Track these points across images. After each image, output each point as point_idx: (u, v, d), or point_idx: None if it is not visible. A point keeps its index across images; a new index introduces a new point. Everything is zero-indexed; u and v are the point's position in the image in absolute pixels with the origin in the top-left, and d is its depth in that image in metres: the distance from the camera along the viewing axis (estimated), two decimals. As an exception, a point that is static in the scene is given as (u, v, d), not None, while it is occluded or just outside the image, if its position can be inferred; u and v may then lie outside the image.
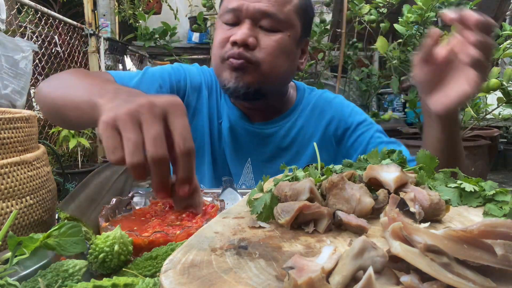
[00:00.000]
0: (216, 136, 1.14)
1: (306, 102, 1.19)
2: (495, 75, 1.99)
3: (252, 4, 0.95)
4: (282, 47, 0.99)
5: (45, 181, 0.61)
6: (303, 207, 0.46)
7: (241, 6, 0.96)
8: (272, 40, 0.98)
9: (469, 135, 2.84)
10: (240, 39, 0.94)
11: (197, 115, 1.13)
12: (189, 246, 0.41)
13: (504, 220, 0.33)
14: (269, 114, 1.14)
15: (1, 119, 0.54)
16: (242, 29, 0.95)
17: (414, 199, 0.49)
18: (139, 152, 0.49)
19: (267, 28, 0.97)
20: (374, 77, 3.97)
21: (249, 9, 0.95)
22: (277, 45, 0.98)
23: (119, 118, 0.50)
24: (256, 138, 1.13)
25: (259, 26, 0.97)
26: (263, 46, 0.97)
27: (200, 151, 1.12)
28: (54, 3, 5.72)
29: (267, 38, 0.97)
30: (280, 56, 1.00)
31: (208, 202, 0.69)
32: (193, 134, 1.11)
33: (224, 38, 0.98)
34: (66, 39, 3.72)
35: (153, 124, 0.50)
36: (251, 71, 0.97)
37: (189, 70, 1.15)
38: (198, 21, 3.69)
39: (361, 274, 0.31)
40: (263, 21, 0.97)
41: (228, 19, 0.99)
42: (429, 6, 2.33)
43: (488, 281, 0.31)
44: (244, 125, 1.13)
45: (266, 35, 0.98)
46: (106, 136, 0.51)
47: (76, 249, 0.47)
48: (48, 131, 3.50)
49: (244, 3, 0.95)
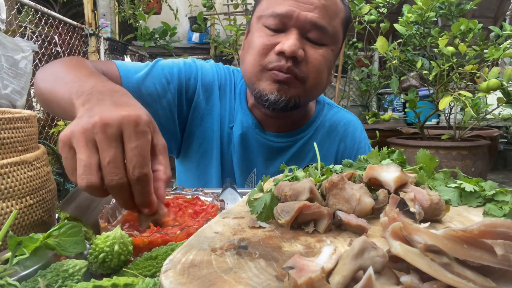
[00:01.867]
0: (226, 140, 1.08)
1: (324, 119, 1.13)
2: (495, 75, 1.99)
3: (304, 13, 0.87)
4: (327, 62, 0.93)
5: (45, 181, 0.61)
6: (303, 207, 0.46)
7: (291, 12, 0.87)
8: (319, 54, 0.91)
9: (469, 135, 2.84)
10: (289, 51, 0.86)
11: (207, 117, 1.07)
12: (189, 246, 0.41)
13: (504, 220, 0.33)
14: (284, 125, 1.07)
15: (1, 119, 0.54)
16: (291, 39, 0.87)
17: (414, 199, 0.49)
18: (91, 175, 0.48)
19: (314, 41, 0.90)
20: (374, 77, 3.97)
21: (300, 18, 0.87)
22: (324, 61, 0.92)
23: (73, 136, 0.50)
24: (267, 151, 1.07)
25: (305, 37, 0.90)
26: (310, 61, 0.90)
27: (208, 154, 1.08)
28: (54, 3, 5.72)
29: (314, 51, 0.91)
30: (324, 71, 0.94)
31: (208, 202, 0.69)
32: (202, 137, 1.11)
33: (267, 44, 0.90)
34: (66, 39, 3.72)
35: (107, 148, 0.49)
36: (296, 86, 0.91)
37: (202, 67, 1.07)
38: (198, 21, 3.69)
39: (361, 274, 0.31)
40: (312, 32, 0.89)
41: (272, 24, 0.90)
42: (429, 6, 2.33)
43: (488, 281, 0.31)
44: (256, 134, 1.06)
45: (313, 47, 0.91)
46: (64, 156, 0.51)
47: (76, 249, 0.47)
48: (48, 131, 3.50)
49: (295, 10, 0.87)
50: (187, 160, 1.12)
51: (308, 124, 1.10)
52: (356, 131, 1.15)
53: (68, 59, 0.87)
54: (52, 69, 0.82)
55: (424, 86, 2.87)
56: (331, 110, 1.16)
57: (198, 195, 0.71)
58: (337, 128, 1.13)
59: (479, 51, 2.33)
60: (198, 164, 1.09)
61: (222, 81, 1.09)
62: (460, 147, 2.58)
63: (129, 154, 0.50)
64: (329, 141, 1.11)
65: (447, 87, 2.54)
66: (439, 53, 2.37)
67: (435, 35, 2.42)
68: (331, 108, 1.17)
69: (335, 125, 1.13)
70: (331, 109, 1.17)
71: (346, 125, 1.14)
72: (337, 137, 1.13)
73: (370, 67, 3.94)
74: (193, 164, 1.10)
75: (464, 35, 2.34)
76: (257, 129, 1.06)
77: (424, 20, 2.42)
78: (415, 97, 2.83)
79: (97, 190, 0.49)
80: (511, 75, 2.00)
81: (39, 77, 0.83)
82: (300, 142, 1.08)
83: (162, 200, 0.56)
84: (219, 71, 1.10)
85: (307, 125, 1.10)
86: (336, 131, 1.13)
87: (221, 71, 1.11)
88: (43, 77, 0.81)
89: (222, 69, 1.12)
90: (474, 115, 2.33)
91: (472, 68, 2.18)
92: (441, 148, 2.59)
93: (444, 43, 2.23)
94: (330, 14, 0.90)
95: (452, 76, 2.40)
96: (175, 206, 0.66)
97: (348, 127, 1.14)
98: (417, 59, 2.70)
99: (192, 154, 1.09)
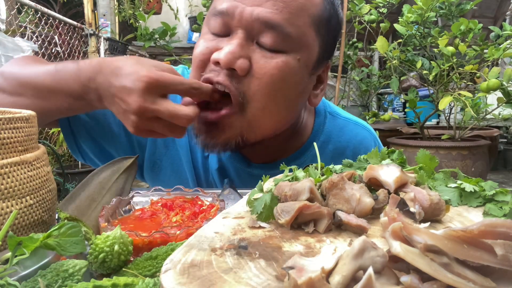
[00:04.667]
0: (202, 172, 0.89)
1: (326, 137, 0.86)
2: (495, 75, 1.99)
3: (249, 9, 0.65)
4: (287, 76, 0.67)
5: (45, 181, 0.61)
6: (303, 207, 0.46)
7: (233, 9, 0.66)
8: (273, 66, 0.66)
9: (469, 135, 2.84)
10: (224, 61, 0.64)
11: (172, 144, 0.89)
12: (189, 246, 0.41)
13: (504, 220, 0.33)
14: (273, 152, 0.83)
15: (1, 119, 0.54)
16: (230, 44, 0.65)
17: (414, 199, 0.49)
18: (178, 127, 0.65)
19: (267, 47, 0.66)
20: (374, 77, 3.97)
21: (244, 16, 0.65)
22: (281, 75, 0.66)
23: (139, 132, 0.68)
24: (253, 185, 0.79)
25: (256, 41, 0.67)
26: (257, 75, 0.66)
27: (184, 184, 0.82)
28: (54, 3, 5.72)
29: (265, 62, 0.66)
30: (282, 90, 0.68)
31: (208, 202, 0.69)
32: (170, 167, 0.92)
33: (204, 53, 0.68)
34: (66, 39, 3.72)
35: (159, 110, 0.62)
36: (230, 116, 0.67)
37: None
38: (198, 21, 3.68)
39: (361, 274, 0.31)
40: (263, 35, 0.66)
41: (214, 26, 0.69)
42: (429, 6, 2.33)
43: (488, 281, 0.31)
44: (238, 169, 0.84)
45: (263, 56, 0.66)
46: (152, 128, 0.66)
47: (76, 249, 0.47)
48: (48, 131, 3.50)
49: (238, 5, 0.65)
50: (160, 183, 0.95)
51: (306, 145, 0.85)
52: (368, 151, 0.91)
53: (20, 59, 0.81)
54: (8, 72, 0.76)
55: (424, 86, 2.87)
56: (335, 122, 0.88)
57: (198, 195, 0.71)
58: (345, 152, 0.87)
59: (479, 51, 2.33)
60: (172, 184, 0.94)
61: None
62: (460, 147, 2.58)
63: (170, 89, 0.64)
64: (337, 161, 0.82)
65: (447, 87, 2.54)
66: (439, 53, 2.37)
67: (435, 35, 2.42)
68: (335, 120, 0.89)
69: (342, 148, 0.87)
70: (336, 120, 0.89)
71: (357, 147, 0.87)
72: (347, 155, 0.87)
73: (370, 67, 3.94)
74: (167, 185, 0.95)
75: (464, 35, 2.34)
76: (237, 161, 0.84)
77: (424, 20, 2.42)
78: (415, 97, 2.83)
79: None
80: (511, 75, 2.00)
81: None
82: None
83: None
84: None
85: (303, 149, 0.84)
86: (344, 157, 0.79)
87: None
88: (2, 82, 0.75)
89: None
90: (474, 115, 2.33)
91: (472, 68, 2.18)
92: (441, 148, 2.59)
93: (444, 43, 2.23)
94: (291, 9, 0.65)
95: (452, 76, 2.40)
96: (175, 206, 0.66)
97: (360, 149, 0.86)
98: (417, 59, 2.70)
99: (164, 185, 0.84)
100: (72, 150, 0.92)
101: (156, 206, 0.66)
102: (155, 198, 0.70)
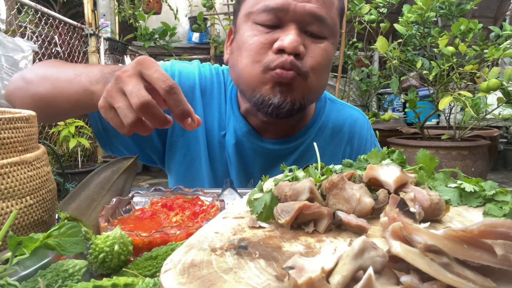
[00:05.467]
0: (217, 150, 0.99)
1: (326, 118, 1.03)
2: (495, 75, 1.99)
3: (301, 5, 0.79)
4: (329, 57, 0.86)
5: (45, 181, 0.61)
6: (303, 207, 0.46)
7: (287, 5, 0.79)
8: (321, 49, 0.83)
9: (469, 135, 2.84)
10: (291, 48, 0.78)
11: None
12: (189, 246, 0.41)
13: (504, 220, 0.33)
14: (283, 129, 0.97)
15: (1, 119, 0.54)
16: (290, 34, 0.79)
17: (414, 199, 0.49)
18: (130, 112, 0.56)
19: (315, 34, 0.83)
20: (374, 77, 3.97)
21: (298, 10, 0.79)
22: (326, 55, 0.84)
23: (107, 96, 0.59)
24: (265, 159, 0.98)
25: (304, 31, 0.82)
26: (312, 56, 0.82)
27: (195, 166, 1.00)
28: (54, 3, 5.72)
29: (315, 46, 0.83)
30: (326, 67, 0.87)
31: (208, 202, 0.69)
32: (186, 147, 1.00)
33: (264, 43, 0.81)
34: (66, 39, 3.72)
35: (128, 82, 0.57)
36: (299, 85, 0.82)
37: (181, 71, 0.98)
38: (198, 21, 3.69)
39: (361, 274, 0.31)
40: (311, 25, 0.81)
41: (265, 20, 0.81)
42: (429, 6, 2.33)
43: (488, 281, 0.31)
44: (253, 143, 0.97)
45: (313, 42, 0.83)
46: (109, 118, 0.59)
47: (76, 249, 0.47)
48: (48, 131, 3.51)
49: (291, 2, 0.79)
50: (172, 174, 1.05)
51: (309, 125, 1.00)
52: (363, 130, 1.07)
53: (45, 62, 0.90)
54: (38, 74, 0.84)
55: (424, 86, 2.87)
56: (334, 106, 1.06)
57: (198, 195, 0.71)
58: (342, 129, 1.04)
59: (479, 51, 2.33)
60: (184, 177, 1.02)
61: (207, 84, 0.99)
62: (460, 147, 2.58)
63: (153, 76, 0.57)
64: (333, 144, 1.03)
65: (447, 87, 2.54)
66: (439, 53, 2.37)
67: (435, 35, 2.42)
68: (334, 104, 1.07)
69: (339, 125, 1.03)
70: (334, 105, 1.07)
71: (352, 125, 1.05)
72: (343, 139, 1.04)
73: (370, 67, 3.94)
74: (178, 178, 1.03)
75: (464, 35, 2.34)
76: (252, 137, 0.96)
77: (424, 20, 2.42)
78: (415, 97, 2.83)
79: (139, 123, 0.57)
80: (511, 75, 2.00)
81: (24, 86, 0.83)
82: (301, 148, 0.99)
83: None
84: (203, 73, 1.00)
85: (308, 126, 1.00)
86: (342, 133, 1.03)
87: (206, 72, 1.01)
88: (32, 84, 0.82)
89: (209, 70, 1.02)
90: (474, 115, 2.33)
91: (472, 68, 2.18)
92: (441, 148, 2.59)
93: (444, 43, 2.23)
94: (327, 4, 0.83)
95: (452, 76, 2.40)
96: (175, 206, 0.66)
97: (355, 127, 1.05)
98: (417, 59, 2.70)
99: (176, 166, 1.02)
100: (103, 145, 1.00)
101: (156, 206, 0.66)
102: (155, 198, 0.70)
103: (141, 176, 5.01)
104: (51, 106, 0.80)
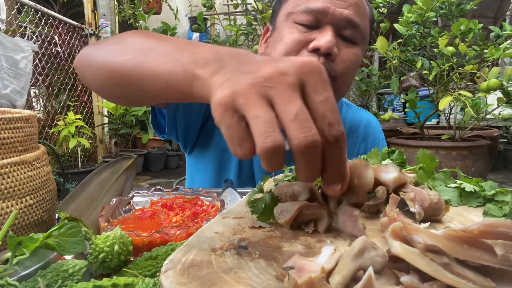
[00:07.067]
0: None
1: (344, 119, 1.10)
2: (495, 75, 1.99)
3: (339, 10, 0.86)
4: (357, 62, 0.91)
5: (45, 181, 0.61)
6: (303, 207, 0.46)
7: (327, 9, 0.85)
8: (351, 54, 0.89)
9: (469, 135, 2.84)
10: (325, 47, 0.82)
11: None
12: (189, 246, 0.41)
13: (504, 220, 0.33)
14: None
15: (1, 119, 0.54)
16: (326, 35, 0.84)
17: (414, 199, 0.49)
18: (275, 132, 0.36)
19: (348, 39, 0.89)
20: (374, 77, 3.97)
21: (336, 15, 0.85)
22: (356, 60, 0.90)
23: (239, 95, 0.38)
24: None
25: (339, 34, 0.88)
26: (343, 59, 0.87)
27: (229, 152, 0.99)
28: (54, 3, 5.72)
29: (347, 50, 0.88)
30: (354, 71, 0.92)
31: (208, 202, 0.69)
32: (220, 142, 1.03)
33: (301, 41, 0.86)
34: (66, 39, 3.72)
35: (290, 100, 0.37)
36: None
37: None
38: (198, 21, 3.68)
39: (361, 274, 0.31)
40: (346, 30, 0.88)
41: (305, 20, 0.87)
42: (429, 6, 2.33)
43: (488, 281, 0.31)
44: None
45: (345, 46, 0.89)
46: (226, 123, 0.38)
47: (76, 249, 0.47)
48: (48, 131, 3.51)
49: (330, 6, 0.85)
50: (202, 158, 1.09)
51: None
52: (376, 132, 1.16)
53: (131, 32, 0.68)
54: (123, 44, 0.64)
55: (424, 86, 2.87)
56: (350, 109, 1.15)
57: (198, 195, 0.71)
58: (358, 129, 1.13)
59: (479, 51, 2.32)
60: (214, 162, 1.07)
61: None
62: (460, 147, 2.58)
63: (320, 108, 0.38)
64: (350, 142, 1.10)
65: (447, 87, 2.54)
66: (439, 53, 2.37)
67: (435, 35, 2.42)
68: (350, 108, 1.16)
69: (355, 126, 1.12)
70: (350, 108, 1.16)
71: (367, 126, 1.14)
72: (359, 138, 1.12)
73: (370, 67, 3.94)
74: (209, 161, 1.08)
75: (464, 35, 2.34)
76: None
77: (424, 20, 2.42)
78: (415, 97, 2.83)
79: (280, 153, 0.37)
80: (511, 75, 2.00)
81: (100, 54, 0.64)
82: None
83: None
84: None
85: None
86: (357, 133, 1.12)
87: None
88: (112, 52, 0.62)
89: None
90: (474, 115, 2.33)
91: (472, 68, 2.18)
92: (441, 148, 2.59)
93: (444, 43, 2.23)
94: (362, 13, 0.89)
95: (452, 76, 2.40)
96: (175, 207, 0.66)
97: (369, 128, 1.14)
98: (417, 59, 2.70)
99: (210, 151, 1.07)
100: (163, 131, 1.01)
101: (156, 206, 0.67)
102: (155, 198, 0.70)
103: (141, 176, 5.01)
104: (130, 83, 0.58)
